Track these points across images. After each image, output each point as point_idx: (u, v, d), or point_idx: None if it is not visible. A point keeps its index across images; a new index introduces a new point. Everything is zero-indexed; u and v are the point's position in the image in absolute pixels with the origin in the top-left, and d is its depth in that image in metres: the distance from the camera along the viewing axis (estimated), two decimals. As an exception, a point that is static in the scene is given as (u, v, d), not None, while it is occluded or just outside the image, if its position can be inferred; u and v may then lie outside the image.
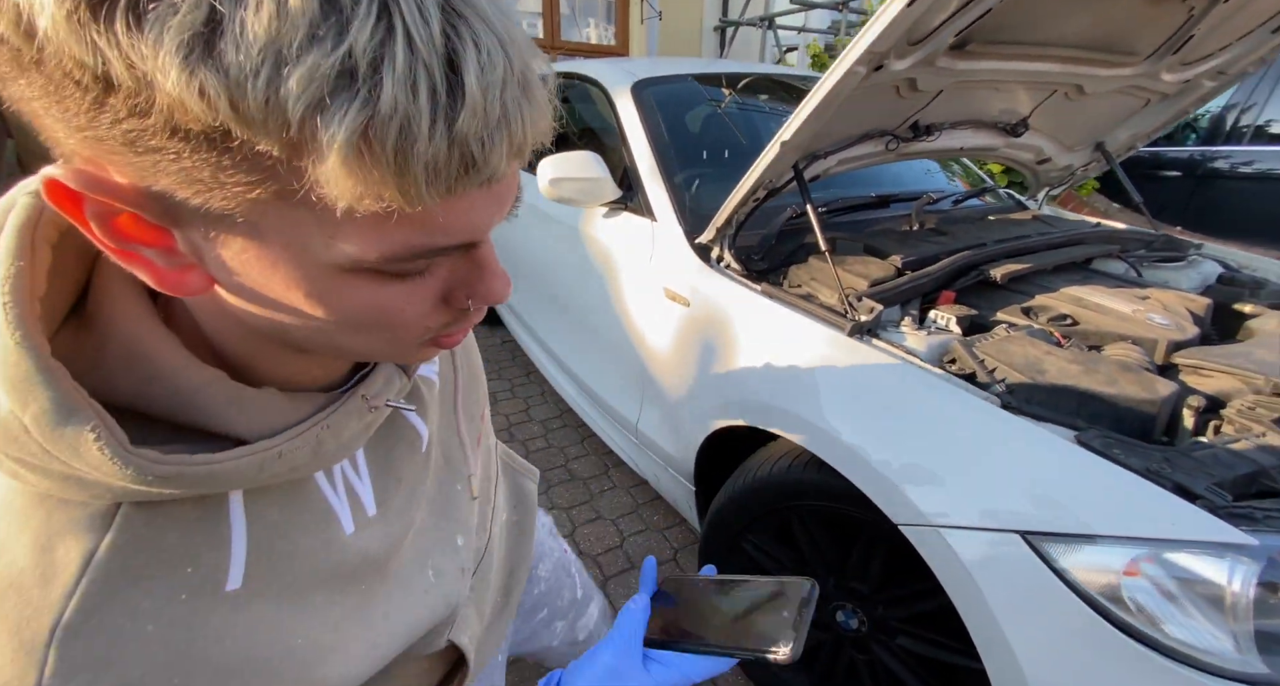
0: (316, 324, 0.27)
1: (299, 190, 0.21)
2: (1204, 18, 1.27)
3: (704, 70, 2.01)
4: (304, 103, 0.18)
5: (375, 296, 0.26)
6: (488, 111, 0.21)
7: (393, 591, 0.38)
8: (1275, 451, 0.77)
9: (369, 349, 0.31)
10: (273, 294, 0.25)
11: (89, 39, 0.18)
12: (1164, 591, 0.67)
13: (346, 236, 0.23)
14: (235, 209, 0.22)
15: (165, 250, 0.24)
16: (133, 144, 0.20)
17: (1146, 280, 1.45)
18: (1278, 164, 3.35)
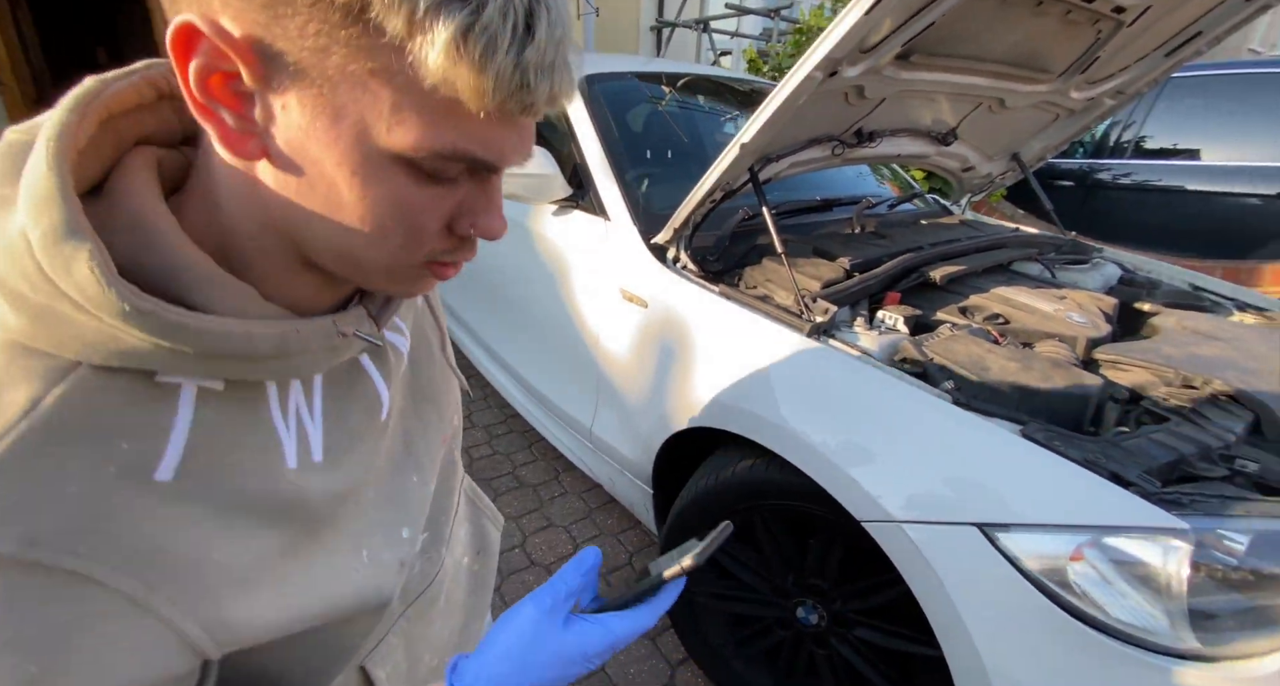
0: (344, 214, 0.30)
1: (397, 68, 0.26)
2: (1109, 40, 1.39)
3: (650, 68, 1.99)
4: (431, 2, 0.24)
5: (405, 192, 0.30)
6: (544, 55, 0.27)
7: (318, 554, 0.37)
8: (1189, 439, 0.84)
9: (375, 258, 0.33)
10: (321, 169, 0.29)
11: None
12: (1106, 574, 0.72)
13: (408, 126, 0.27)
14: (330, 76, 0.26)
15: (239, 115, 0.28)
16: (273, 3, 0.25)
17: (1060, 281, 1.58)
18: (1152, 176, 3.77)
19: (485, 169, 0.32)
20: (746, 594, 1.14)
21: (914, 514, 0.81)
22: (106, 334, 0.27)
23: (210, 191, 0.32)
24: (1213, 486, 0.78)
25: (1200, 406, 0.91)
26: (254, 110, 0.28)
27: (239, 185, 0.31)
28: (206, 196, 0.32)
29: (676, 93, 1.90)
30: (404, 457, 0.46)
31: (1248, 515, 0.71)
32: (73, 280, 0.26)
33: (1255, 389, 0.94)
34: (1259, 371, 1.01)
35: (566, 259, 1.55)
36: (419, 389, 0.49)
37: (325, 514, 0.37)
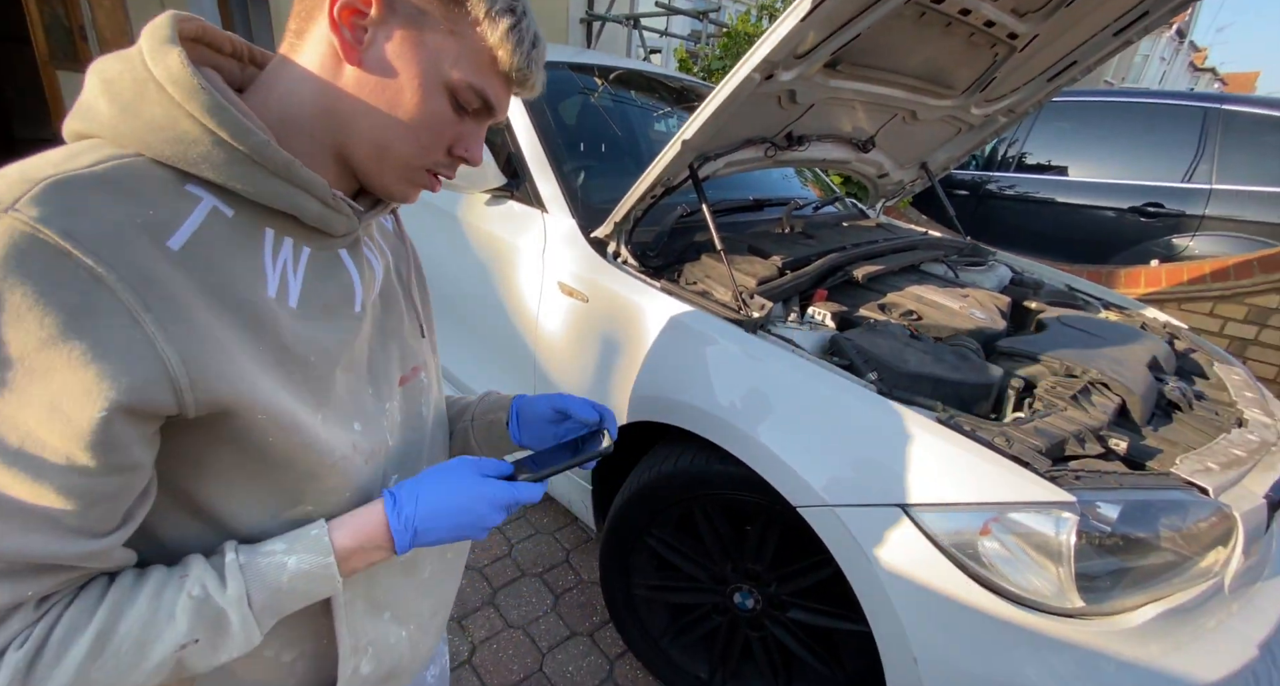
0: (399, 110, 0.45)
1: (468, 33, 0.44)
2: (1004, 63, 1.53)
3: (584, 60, 1.96)
4: (501, 7, 0.44)
5: (442, 108, 0.46)
6: (540, 56, 0.48)
7: (280, 378, 0.43)
8: (1073, 422, 0.95)
9: (402, 151, 0.47)
10: (396, 79, 0.44)
11: None
12: (1009, 546, 0.80)
13: (462, 67, 0.45)
14: (425, 27, 0.43)
15: (355, 36, 0.43)
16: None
17: (962, 280, 1.73)
18: (1031, 188, 4.22)
19: (487, 109, 0.48)
20: (686, 583, 1.16)
21: (844, 497, 0.86)
22: (172, 116, 0.38)
23: (272, 91, 0.46)
24: (1092, 463, 0.89)
25: (1080, 394, 1.03)
26: (364, 35, 0.43)
27: (315, 86, 0.45)
28: (267, 96, 0.45)
29: (611, 86, 1.89)
30: (366, 369, 0.53)
31: (1119, 487, 0.82)
32: (165, 65, 0.39)
33: (1122, 377, 1.08)
34: (1125, 361, 1.16)
35: (502, 251, 1.50)
36: (387, 324, 0.56)
37: (296, 353, 0.44)
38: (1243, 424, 1.12)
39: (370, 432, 0.51)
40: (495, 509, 0.49)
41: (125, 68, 0.39)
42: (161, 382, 0.36)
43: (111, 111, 0.38)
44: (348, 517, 0.47)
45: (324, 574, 0.45)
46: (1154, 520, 0.84)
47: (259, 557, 0.43)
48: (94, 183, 0.35)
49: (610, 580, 1.22)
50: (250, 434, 0.41)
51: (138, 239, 0.36)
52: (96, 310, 0.33)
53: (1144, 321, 1.54)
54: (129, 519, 0.40)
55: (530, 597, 1.41)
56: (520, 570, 1.49)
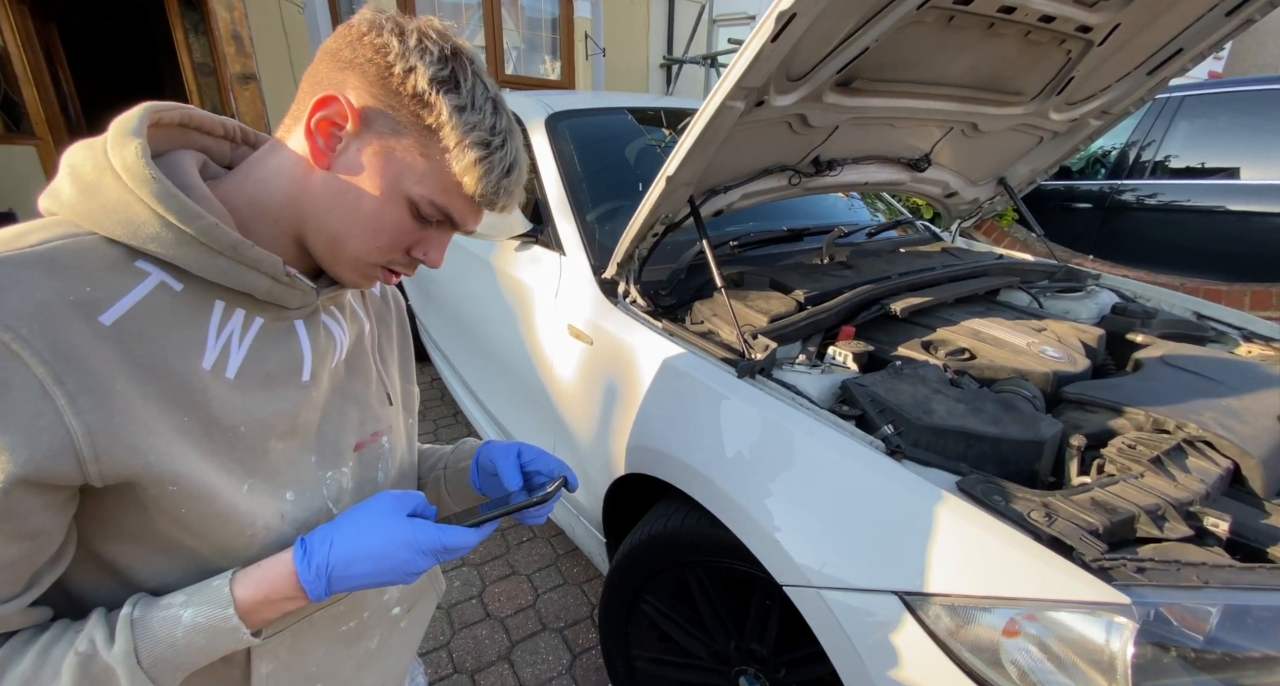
0: (358, 215, 0.49)
1: (437, 156, 0.48)
2: (1081, 61, 1.32)
3: (622, 104, 2.00)
4: (473, 140, 0.48)
5: (401, 217, 0.50)
6: (512, 185, 0.52)
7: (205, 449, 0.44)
8: (1152, 491, 0.75)
9: (356, 249, 0.50)
10: (360, 187, 0.48)
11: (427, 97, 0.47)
12: (1046, 651, 0.63)
13: (426, 185, 0.49)
14: (396, 145, 0.48)
15: (328, 144, 0.48)
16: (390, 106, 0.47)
17: (1047, 310, 1.48)
18: (1178, 196, 3.60)
19: (452, 224, 0.53)
20: (686, 659, 1.05)
21: (832, 579, 0.73)
22: (125, 201, 0.41)
23: (251, 175, 0.50)
24: (1174, 549, 0.68)
25: (1171, 454, 0.81)
26: (338, 144, 0.48)
27: (287, 178, 0.49)
28: (246, 177, 0.50)
29: (646, 123, 1.90)
30: (314, 436, 0.53)
31: (1203, 586, 0.61)
32: (122, 156, 0.42)
33: (1237, 433, 0.84)
34: (1245, 413, 0.90)
35: (524, 295, 1.53)
36: (350, 388, 0.58)
37: (224, 424, 0.45)
38: None
39: (305, 501, 0.51)
40: (419, 554, 0.48)
41: (89, 155, 0.43)
42: (65, 454, 0.37)
43: (73, 193, 0.42)
44: (255, 567, 0.46)
45: (225, 627, 0.44)
46: (1265, 630, 0.62)
47: (155, 611, 0.43)
48: (31, 261, 0.38)
49: (610, 648, 1.14)
50: (161, 503, 0.42)
51: (65, 315, 0.38)
52: (8, 383, 0.35)
53: (1299, 357, 1.21)
54: (34, 584, 0.41)
55: (547, 655, 1.36)
56: (542, 623, 1.45)
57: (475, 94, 0.48)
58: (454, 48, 0.48)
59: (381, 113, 0.47)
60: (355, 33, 0.47)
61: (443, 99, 0.46)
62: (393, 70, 0.46)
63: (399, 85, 0.46)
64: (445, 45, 0.47)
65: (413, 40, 0.46)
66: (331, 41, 0.49)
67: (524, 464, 0.62)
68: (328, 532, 0.47)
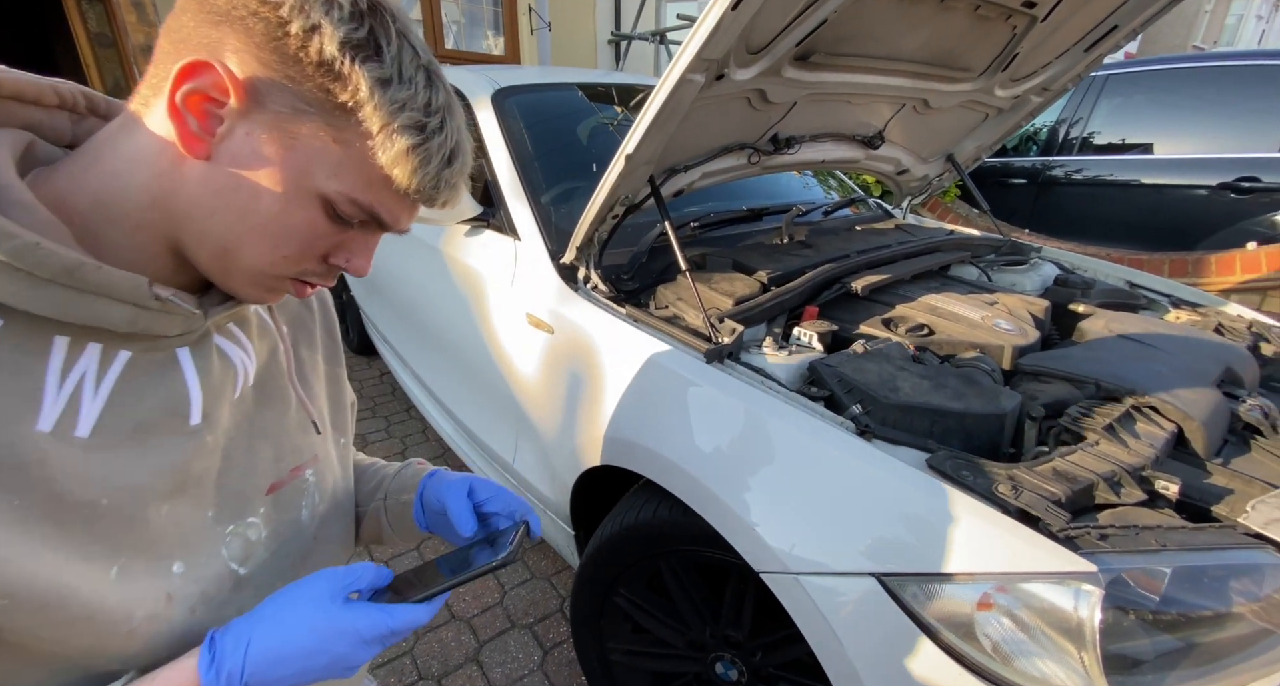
0: (252, 219, 0.38)
1: (357, 143, 0.38)
2: (1025, 36, 1.35)
3: (574, 79, 1.92)
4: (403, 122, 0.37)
5: (313, 219, 0.39)
6: (454, 177, 0.42)
7: (53, 539, 0.34)
8: (1107, 458, 0.77)
9: (255, 260, 0.40)
10: (253, 182, 0.37)
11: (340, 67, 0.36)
12: (1017, 622, 0.64)
13: (343, 179, 0.38)
14: (298, 128, 0.37)
15: (203, 125, 0.36)
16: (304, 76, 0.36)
17: (996, 284, 1.52)
18: (1101, 171, 3.81)
19: (380, 226, 0.42)
20: (662, 649, 1.04)
21: (808, 563, 0.72)
22: None
23: (96, 164, 0.38)
24: (1130, 513, 0.71)
25: (1120, 421, 0.85)
26: (218, 125, 0.36)
27: (148, 172, 0.37)
28: (89, 167, 0.38)
29: (601, 101, 1.83)
30: (213, 486, 0.43)
31: (1161, 549, 0.64)
32: None
33: (1176, 397, 0.88)
34: (1185, 377, 0.95)
35: (477, 283, 1.46)
36: (260, 422, 0.47)
37: (76, 499, 0.35)
38: (1353, 451, 0.88)
39: (199, 571, 0.42)
40: (360, 644, 0.40)
41: None
42: None
43: None
44: (155, 675, 0.38)
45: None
46: (1219, 590, 0.65)
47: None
48: None
49: (583, 644, 1.12)
50: None
51: None
52: None
53: (1221, 322, 1.29)
54: None
55: (518, 653, 1.32)
56: (510, 620, 1.41)
57: (403, 61, 0.37)
58: (373, 4, 0.36)
59: (277, 85, 0.36)
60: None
61: (360, 69, 0.36)
62: (288, 28, 0.35)
63: (298, 49, 0.35)
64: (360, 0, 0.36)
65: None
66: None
67: (478, 504, 0.54)
68: (244, 630, 0.38)
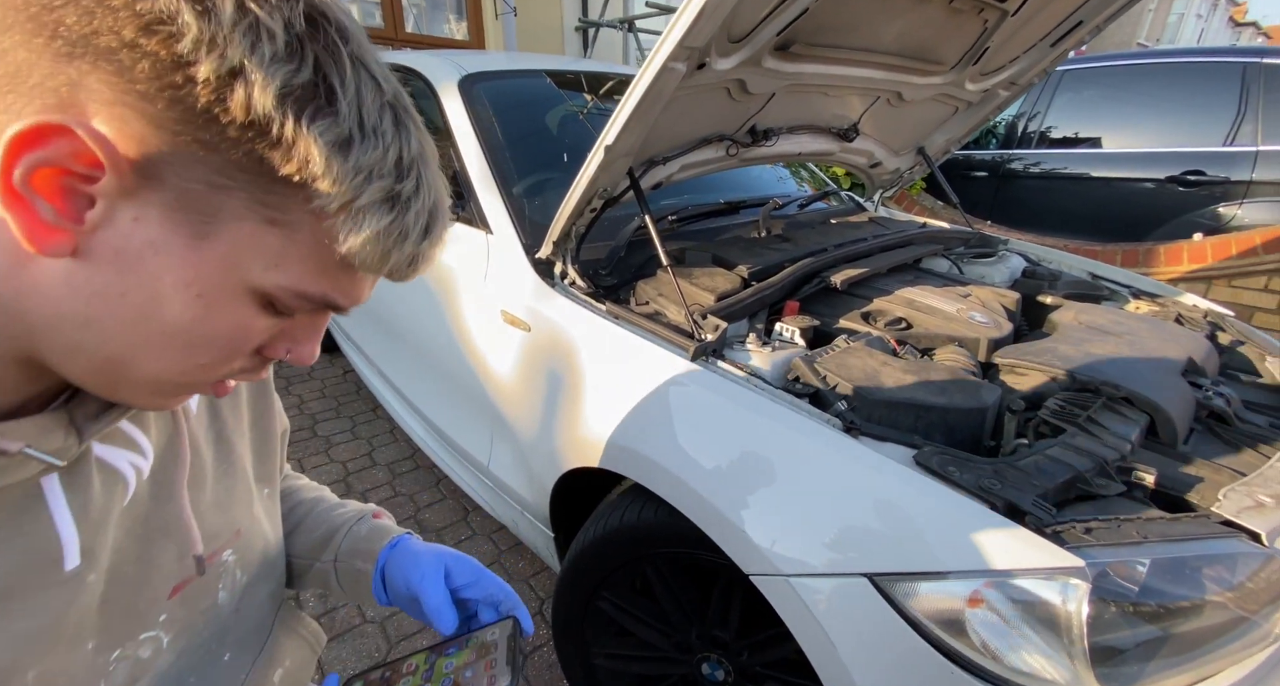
0: (154, 326, 0.28)
1: (302, 226, 0.28)
2: (996, 30, 1.36)
3: (545, 66, 1.86)
4: (372, 197, 0.28)
5: (245, 318, 0.30)
6: (431, 249, 0.32)
7: None
8: (1085, 452, 0.79)
9: (157, 371, 0.30)
10: (151, 281, 0.27)
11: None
12: (1006, 618, 0.65)
13: (286, 270, 0.29)
14: (216, 209, 0.26)
15: (61, 211, 0.25)
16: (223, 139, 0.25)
17: (966, 276, 1.55)
18: (1057, 164, 3.93)
19: (335, 309, 0.33)
20: (647, 652, 1.03)
21: (800, 566, 0.71)
22: None
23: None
24: (1111, 504, 0.72)
25: (1096, 412, 0.86)
26: (86, 211, 0.25)
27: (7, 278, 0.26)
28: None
29: (573, 89, 1.77)
30: (94, 625, 0.35)
31: (1143, 541, 0.65)
32: None
33: (1148, 389, 0.90)
34: (1153, 368, 0.97)
35: (447, 278, 1.40)
36: (156, 520, 0.38)
37: None
38: (1306, 437, 0.93)
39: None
40: None
41: None
42: None
43: None
44: None
45: None
46: (1194, 578, 0.67)
47: None
48: None
49: (565, 649, 1.09)
50: None
51: None
52: None
53: (1180, 312, 1.34)
54: None
55: None
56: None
57: (364, 104, 0.27)
58: (314, 17, 0.25)
59: (180, 154, 0.25)
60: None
61: (308, 130, 0.25)
62: (193, 73, 0.23)
63: (212, 103, 0.24)
64: (295, 13, 0.25)
65: (227, 4, 0.23)
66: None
67: (455, 589, 0.48)
68: None
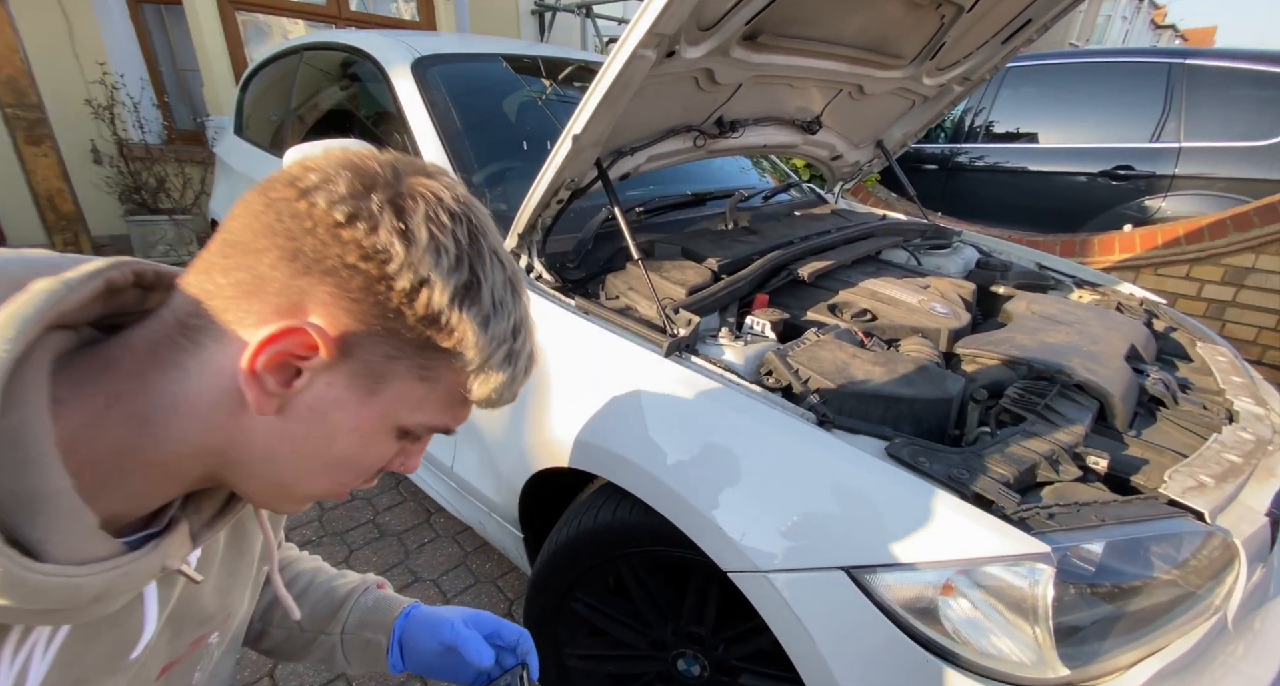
0: (322, 458, 0.37)
1: (445, 380, 0.37)
2: (953, 25, 1.38)
3: (502, 50, 1.79)
4: (500, 356, 0.37)
5: (386, 448, 0.39)
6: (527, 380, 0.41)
7: None
8: (1046, 438, 0.82)
9: (312, 489, 0.39)
10: (329, 427, 0.36)
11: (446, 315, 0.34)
12: (977, 605, 0.67)
13: (427, 411, 0.38)
14: (385, 372, 0.35)
15: (280, 383, 0.33)
16: (404, 327, 0.34)
17: (924, 267, 1.59)
18: (999, 158, 4.11)
19: (446, 432, 0.41)
20: (622, 651, 1.02)
21: (779, 561, 0.72)
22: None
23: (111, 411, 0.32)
24: (1069, 490, 0.75)
25: (1052, 400, 0.90)
26: (295, 380, 0.34)
27: (204, 429, 0.34)
28: (104, 414, 0.32)
29: (526, 76, 1.72)
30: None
31: (1100, 524, 0.68)
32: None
33: (1097, 375, 0.94)
34: (1101, 355, 1.02)
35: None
36: (176, 608, 0.41)
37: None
38: (1234, 418, 0.99)
39: None
40: None
41: None
42: None
43: None
44: None
45: None
46: (1144, 557, 0.71)
47: None
48: None
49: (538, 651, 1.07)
50: None
51: None
52: None
53: (1120, 300, 1.41)
54: None
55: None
56: (458, 626, 1.34)
57: (496, 287, 0.35)
58: (470, 228, 0.34)
59: (371, 336, 0.33)
60: (323, 218, 0.31)
61: (465, 316, 0.34)
62: (393, 284, 0.32)
63: (402, 304, 0.33)
64: (460, 228, 0.34)
65: (422, 234, 0.32)
66: (274, 215, 0.32)
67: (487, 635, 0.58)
68: None
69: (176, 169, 3.80)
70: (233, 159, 2.40)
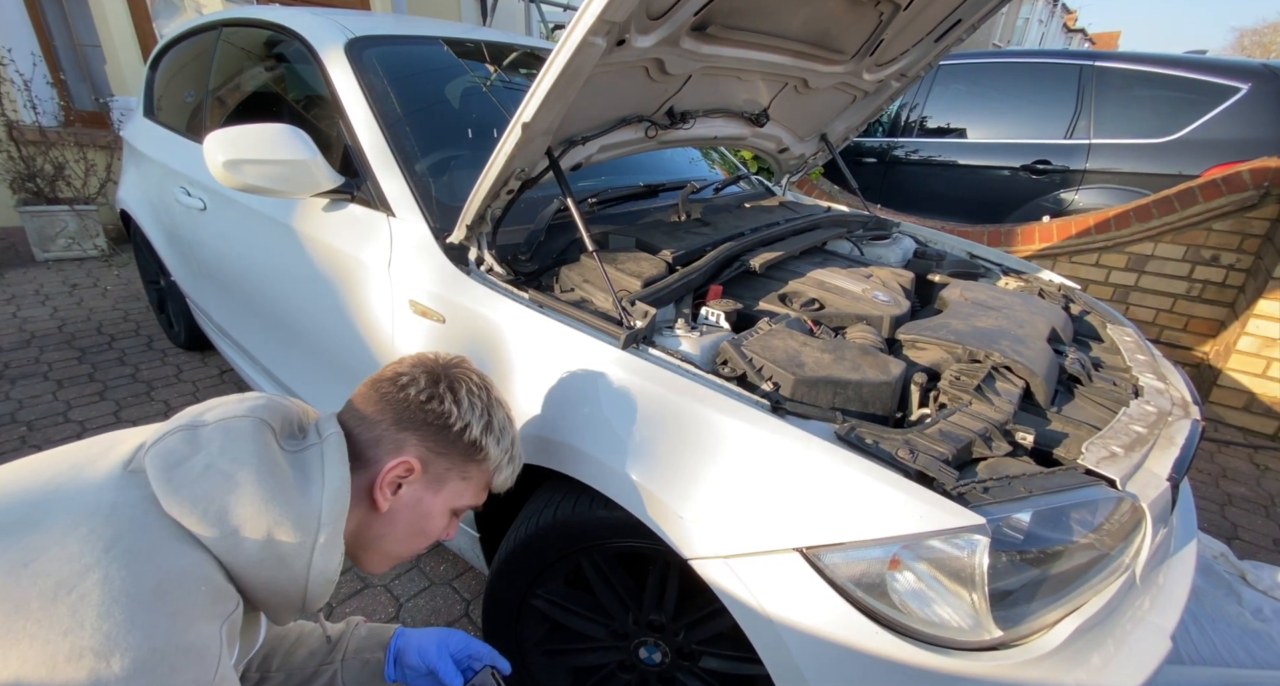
0: (410, 529, 0.72)
1: (478, 478, 0.76)
2: (890, 22, 1.43)
3: (443, 33, 1.72)
4: (505, 458, 0.78)
5: (444, 523, 0.75)
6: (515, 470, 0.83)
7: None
8: (980, 417, 0.87)
9: (399, 552, 0.74)
10: (413, 513, 0.71)
11: None
12: (920, 576, 0.71)
13: (467, 497, 0.76)
14: (447, 478, 0.73)
15: (390, 494, 0.69)
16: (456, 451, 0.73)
17: (867, 257, 1.66)
18: (932, 152, 4.31)
19: (475, 509, 0.82)
20: (584, 643, 1.02)
21: (738, 546, 0.74)
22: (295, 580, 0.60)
23: (351, 513, 0.67)
24: (1000, 464, 0.81)
25: (985, 382, 0.96)
26: (397, 490, 0.69)
27: (356, 524, 0.68)
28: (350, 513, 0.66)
29: (469, 61, 1.66)
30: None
31: (1029, 495, 0.74)
32: (325, 565, 0.61)
33: (1024, 357, 1.02)
34: (1026, 338, 1.10)
35: (344, 265, 1.27)
36: None
37: None
38: (1139, 393, 1.09)
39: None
40: None
41: (292, 532, 0.59)
42: None
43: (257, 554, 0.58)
44: None
45: None
46: (1065, 524, 0.77)
47: None
48: None
49: (498, 650, 1.06)
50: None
51: None
52: None
53: (1041, 287, 1.52)
54: None
55: (425, 661, 1.23)
56: (413, 629, 1.31)
57: (501, 420, 0.75)
58: (488, 395, 0.74)
59: (438, 460, 0.70)
60: (414, 399, 0.69)
61: (488, 441, 0.73)
62: (451, 428, 0.70)
63: (455, 437, 0.70)
64: (484, 395, 0.74)
65: (465, 403, 0.71)
66: (391, 401, 0.69)
67: (453, 656, 0.84)
68: None
69: (77, 154, 3.46)
70: (143, 143, 2.21)
